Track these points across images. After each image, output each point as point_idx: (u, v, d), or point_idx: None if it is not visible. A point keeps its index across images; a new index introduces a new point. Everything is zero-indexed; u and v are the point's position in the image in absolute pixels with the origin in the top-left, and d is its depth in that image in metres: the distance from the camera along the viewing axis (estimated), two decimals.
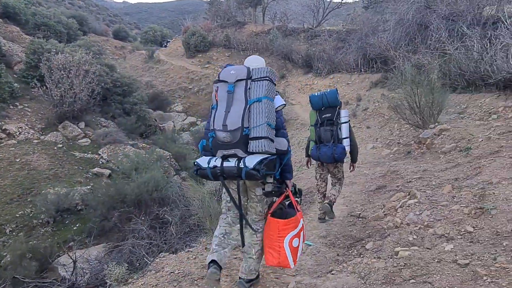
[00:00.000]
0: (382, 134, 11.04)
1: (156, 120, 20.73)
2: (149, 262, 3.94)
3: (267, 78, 2.39)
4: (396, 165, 7.26)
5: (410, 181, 5.66)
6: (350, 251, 3.54)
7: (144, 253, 6.99)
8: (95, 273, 6.77)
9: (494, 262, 2.46)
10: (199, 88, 23.40)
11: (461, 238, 3.05)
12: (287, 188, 2.63)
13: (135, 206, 9.97)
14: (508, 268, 2.30)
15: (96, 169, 12.20)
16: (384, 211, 4.48)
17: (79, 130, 13.76)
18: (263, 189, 2.54)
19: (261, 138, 2.27)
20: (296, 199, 2.70)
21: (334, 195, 4.44)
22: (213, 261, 2.44)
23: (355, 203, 5.57)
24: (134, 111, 16.99)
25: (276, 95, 2.52)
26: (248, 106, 2.33)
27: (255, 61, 2.72)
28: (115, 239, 9.54)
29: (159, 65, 26.45)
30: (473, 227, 3.15)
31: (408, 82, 8.36)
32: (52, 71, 13.13)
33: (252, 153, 2.31)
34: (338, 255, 3.50)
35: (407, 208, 4.08)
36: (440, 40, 10.86)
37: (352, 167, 4.54)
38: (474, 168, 4.97)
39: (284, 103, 2.59)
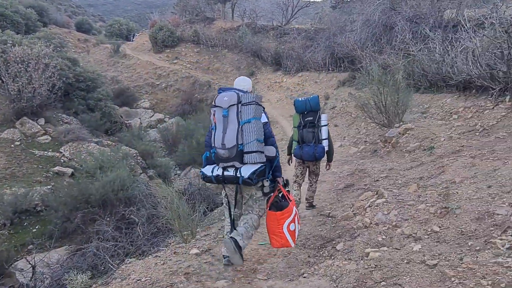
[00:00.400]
0: (349, 133, 11.24)
1: (122, 117, 20.07)
2: (114, 268, 3.74)
3: (254, 102, 2.90)
4: (363, 164, 7.39)
5: (377, 180, 5.77)
6: (321, 253, 3.53)
7: (109, 256, 6.72)
8: (57, 278, 6.43)
9: (460, 262, 2.51)
10: (167, 84, 22.89)
11: (428, 238, 3.10)
12: (278, 184, 3.13)
13: (100, 206, 9.58)
14: (474, 268, 2.35)
15: (57, 168, 11.61)
16: (353, 210, 4.52)
17: (39, 126, 13.03)
18: (263, 191, 3.07)
19: (252, 152, 2.84)
20: (287, 189, 3.18)
21: (312, 196, 5.14)
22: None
23: (324, 202, 5.60)
24: (98, 107, 16.33)
25: (262, 112, 3.01)
26: (240, 126, 2.84)
27: (243, 82, 3.25)
28: (78, 241, 9.13)
29: (125, 60, 25.61)
30: (439, 227, 3.22)
31: (374, 82, 8.53)
32: (8, 64, 12.31)
33: (246, 163, 2.87)
34: (309, 256, 3.48)
35: (376, 207, 4.13)
36: (405, 41, 11.18)
37: (328, 166, 5.07)
38: (437, 167, 5.12)
39: (267, 120, 3.08)
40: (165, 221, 5.65)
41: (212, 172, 2.97)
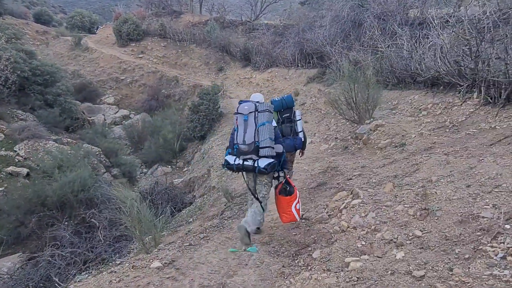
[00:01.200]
0: (319, 129, 11.08)
1: (84, 113, 19.00)
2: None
3: (267, 110, 3.76)
4: (335, 161, 7.19)
5: (350, 178, 5.56)
6: (296, 261, 3.23)
7: (65, 264, 6.15)
8: None
9: (450, 273, 2.28)
10: (132, 79, 21.93)
11: (411, 243, 2.87)
12: (286, 175, 4.03)
13: (58, 209, 8.88)
14: (468, 282, 2.11)
15: (11, 168, 10.70)
16: (328, 212, 4.26)
17: None
18: (278, 179, 4.07)
19: (265, 147, 3.67)
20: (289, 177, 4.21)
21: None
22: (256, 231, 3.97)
23: None
24: (58, 102, 15.27)
25: (272, 118, 3.88)
26: (257, 128, 3.68)
27: (258, 97, 4.18)
28: (33, 247, 8.42)
29: (87, 53, 24.29)
30: (421, 231, 3.00)
31: (345, 78, 8.35)
32: None
33: (261, 157, 3.72)
34: (283, 266, 3.16)
35: (352, 209, 3.88)
36: (373, 37, 11.12)
37: (301, 153, 5.49)
38: (411, 164, 4.96)
39: (276, 125, 3.96)
40: (125, 228, 5.18)
41: (234, 161, 3.80)
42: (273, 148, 3.71)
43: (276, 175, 4.03)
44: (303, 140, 5.28)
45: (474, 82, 6.79)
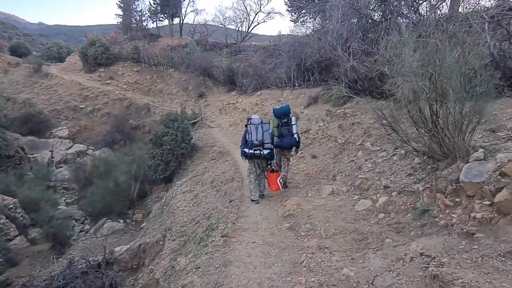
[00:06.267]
0: (340, 168, 6.53)
1: (22, 149, 14.23)
2: None
3: (268, 123, 5.99)
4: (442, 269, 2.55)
5: None
6: None
7: None
8: None
9: None
10: (93, 108, 17.41)
11: None
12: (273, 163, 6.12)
13: None
14: None
15: None
16: None
17: None
18: (269, 165, 6.05)
19: (267, 143, 5.84)
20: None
21: (285, 175, 6.51)
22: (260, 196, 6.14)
23: None
24: None
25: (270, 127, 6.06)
26: (263, 133, 5.86)
27: (258, 117, 6.15)
28: None
29: (45, 80, 19.87)
30: None
31: (411, 75, 3.88)
32: None
33: (265, 148, 5.82)
34: None
35: None
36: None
37: (296, 151, 6.59)
38: None
39: (271, 131, 6.08)
40: None
41: (249, 151, 5.79)
42: (272, 144, 5.94)
43: (269, 163, 6.03)
44: (297, 139, 6.23)
45: None
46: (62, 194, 12.86)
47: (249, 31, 22.56)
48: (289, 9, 19.58)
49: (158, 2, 23.69)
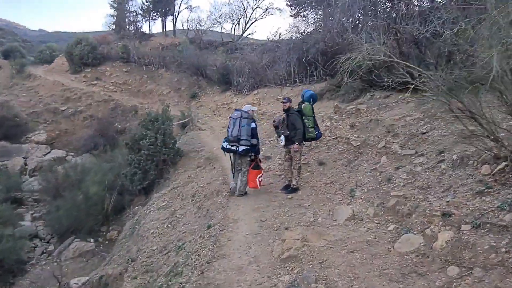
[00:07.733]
0: (359, 179, 4.76)
1: None
2: None
3: (248, 117, 5.63)
4: None
5: None
6: None
7: None
8: None
9: None
10: (75, 110, 15.73)
11: None
12: (257, 157, 5.86)
13: None
14: None
15: None
16: None
17: None
18: (250, 157, 5.77)
19: (244, 139, 5.52)
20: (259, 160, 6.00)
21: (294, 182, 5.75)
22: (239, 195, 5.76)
23: None
24: None
25: (253, 121, 5.79)
26: (240, 127, 5.53)
27: (247, 108, 5.86)
28: None
29: (27, 81, 18.22)
30: None
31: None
32: None
33: (241, 145, 5.53)
34: None
35: None
36: None
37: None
38: None
39: (255, 126, 5.80)
40: None
41: (226, 146, 5.64)
42: (249, 141, 5.55)
43: (250, 157, 5.76)
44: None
45: None
46: (30, 207, 11.11)
47: (246, 28, 20.88)
48: (289, 3, 17.90)
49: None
